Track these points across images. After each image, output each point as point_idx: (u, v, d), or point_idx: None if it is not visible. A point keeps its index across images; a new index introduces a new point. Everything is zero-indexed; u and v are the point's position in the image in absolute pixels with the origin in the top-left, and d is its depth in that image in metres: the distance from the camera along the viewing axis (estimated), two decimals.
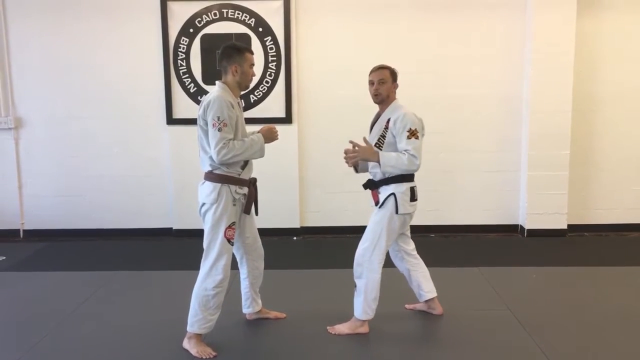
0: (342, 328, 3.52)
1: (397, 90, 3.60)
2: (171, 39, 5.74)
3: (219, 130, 3.09)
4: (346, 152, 3.44)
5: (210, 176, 3.22)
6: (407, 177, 3.44)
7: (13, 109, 5.91)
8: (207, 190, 3.21)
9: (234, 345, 3.42)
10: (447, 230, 5.97)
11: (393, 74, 3.54)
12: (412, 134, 3.35)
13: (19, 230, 6.09)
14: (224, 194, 3.20)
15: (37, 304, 4.08)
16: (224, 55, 3.27)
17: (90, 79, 5.86)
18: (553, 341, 3.37)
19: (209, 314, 3.25)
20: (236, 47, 3.31)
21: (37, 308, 4.00)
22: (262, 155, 3.31)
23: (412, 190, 3.46)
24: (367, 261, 3.44)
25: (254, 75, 3.37)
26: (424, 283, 3.71)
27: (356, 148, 3.40)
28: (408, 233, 3.72)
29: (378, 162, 3.34)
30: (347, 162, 3.46)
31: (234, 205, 3.25)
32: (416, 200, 3.50)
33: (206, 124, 3.15)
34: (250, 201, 3.35)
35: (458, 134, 5.88)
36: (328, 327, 3.56)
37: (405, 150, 3.33)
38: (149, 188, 6.00)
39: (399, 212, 3.40)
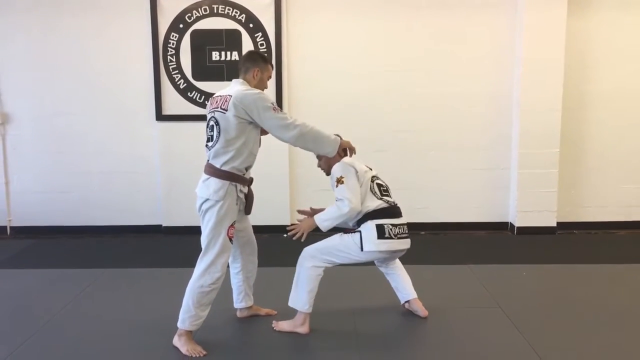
0: (284, 325, 3.53)
1: (391, 88, 3.61)
2: (160, 34, 5.69)
3: (281, 111, 3.18)
4: (292, 234, 3.49)
5: (218, 173, 3.19)
6: (371, 215, 3.40)
7: (0, 105, 5.84)
8: (213, 187, 3.18)
9: (225, 343, 3.40)
10: (437, 228, 5.98)
11: None
12: (338, 181, 3.38)
13: (6, 227, 6.03)
14: (231, 192, 3.19)
15: (25, 302, 4.04)
16: (250, 58, 3.37)
17: (78, 74, 5.80)
18: (543, 338, 3.38)
19: (201, 310, 3.23)
20: (262, 56, 3.45)
21: (25, 306, 3.96)
22: (330, 151, 3.29)
23: (380, 228, 3.38)
24: (310, 258, 3.50)
25: (266, 87, 3.42)
26: (401, 285, 3.72)
27: (296, 223, 3.50)
28: None
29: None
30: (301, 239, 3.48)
31: (237, 204, 3.25)
32: (389, 238, 3.38)
33: (245, 113, 3.12)
34: (251, 201, 3.37)
35: (448, 132, 5.88)
36: (273, 323, 3.57)
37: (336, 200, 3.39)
38: (138, 185, 5.96)
39: (364, 249, 3.38)
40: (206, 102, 5.70)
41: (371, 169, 3.59)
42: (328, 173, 3.59)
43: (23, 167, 5.95)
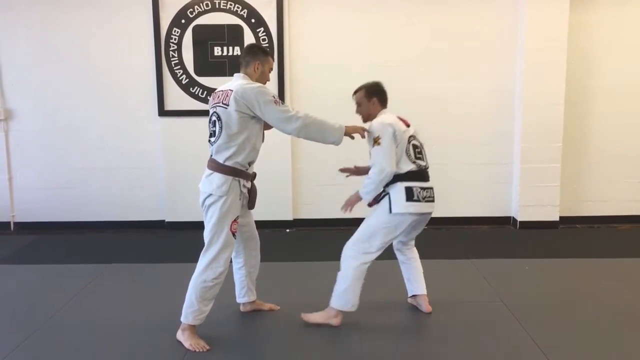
0: (316, 316, 3.53)
1: (392, 82, 3.61)
2: (162, 29, 5.69)
3: (283, 104, 3.17)
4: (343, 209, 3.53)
5: (221, 168, 3.19)
6: (401, 177, 3.39)
7: (3, 101, 5.85)
8: (217, 182, 3.17)
9: (228, 338, 3.41)
10: (440, 223, 5.94)
11: (368, 93, 3.56)
12: (375, 141, 3.37)
13: (9, 222, 6.05)
14: (234, 187, 3.19)
15: (28, 298, 4.05)
16: (250, 51, 3.35)
17: (80, 70, 5.80)
18: (545, 332, 3.39)
19: (204, 305, 3.24)
20: (262, 48, 3.46)
21: (28, 302, 3.97)
22: (337, 138, 3.25)
23: (409, 190, 3.39)
24: (351, 254, 3.45)
25: (268, 80, 3.40)
26: (413, 278, 3.71)
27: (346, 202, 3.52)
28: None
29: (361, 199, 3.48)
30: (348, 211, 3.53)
31: (240, 199, 3.25)
32: (417, 200, 3.39)
33: (247, 108, 3.12)
34: (254, 196, 3.37)
35: (451, 127, 5.87)
36: (302, 315, 3.56)
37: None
38: (141, 180, 5.97)
39: (392, 211, 3.37)
40: (208, 97, 5.69)
41: (409, 126, 3.53)
42: (365, 120, 3.60)
43: (26, 163, 5.96)
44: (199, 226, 3.34)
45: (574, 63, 5.72)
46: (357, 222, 5.61)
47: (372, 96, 3.56)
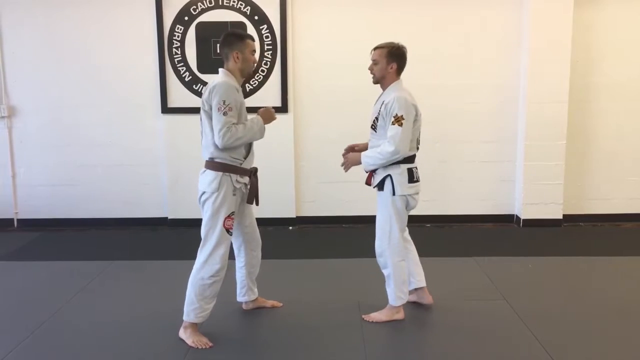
0: (380, 316, 3.53)
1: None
2: (166, 27, 5.68)
3: (224, 114, 3.10)
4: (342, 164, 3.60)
5: (212, 165, 3.21)
6: (404, 159, 3.39)
7: (6, 98, 5.85)
8: (208, 179, 3.19)
9: (230, 335, 3.42)
10: (443, 220, 5.97)
11: (390, 54, 3.45)
12: (397, 120, 3.30)
13: (12, 219, 6.05)
14: (225, 183, 3.19)
15: (31, 294, 4.06)
16: (225, 42, 3.27)
17: (83, 67, 5.80)
18: (549, 330, 3.38)
19: (205, 302, 3.24)
20: (236, 34, 3.34)
21: (31, 298, 3.98)
22: (261, 136, 3.31)
23: (410, 171, 3.41)
24: (386, 250, 3.46)
25: (255, 62, 3.36)
26: (414, 270, 3.69)
27: (345, 158, 3.58)
28: None
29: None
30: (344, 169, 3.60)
31: (234, 195, 3.24)
32: (417, 181, 3.45)
33: (211, 108, 3.14)
34: (253, 191, 3.35)
35: (454, 124, 5.86)
36: (363, 316, 3.56)
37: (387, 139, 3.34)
38: (144, 177, 5.97)
39: (396, 194, 3.38)
40: None
41: None
42: (376, 82, 3.52)
43: (29, 160, 5.96)
44: (201, 223, 3.34)
45: (578, 61, 5.70)
46: (359, 220, 5.65)
47: (393, 60, 3.45)
